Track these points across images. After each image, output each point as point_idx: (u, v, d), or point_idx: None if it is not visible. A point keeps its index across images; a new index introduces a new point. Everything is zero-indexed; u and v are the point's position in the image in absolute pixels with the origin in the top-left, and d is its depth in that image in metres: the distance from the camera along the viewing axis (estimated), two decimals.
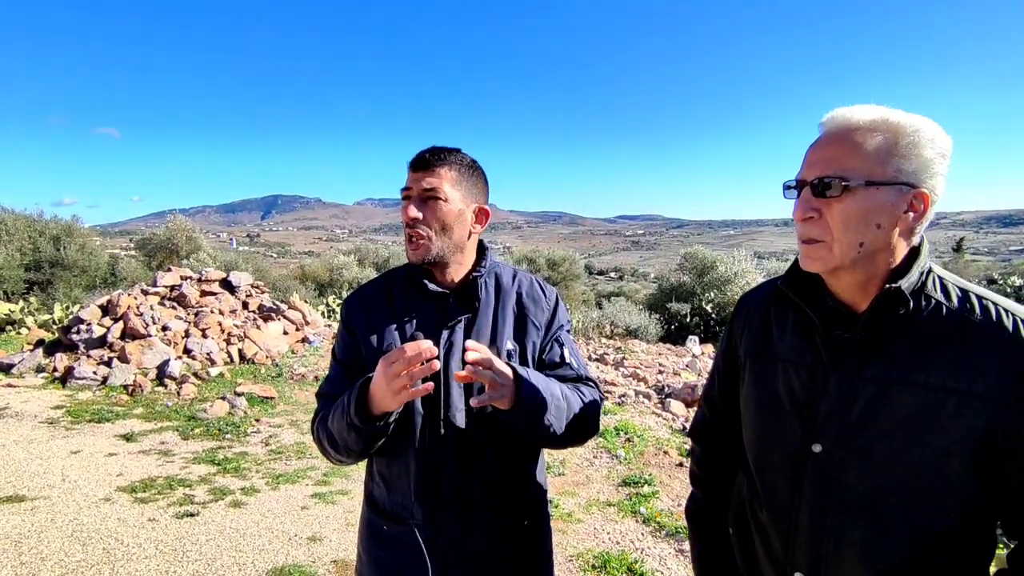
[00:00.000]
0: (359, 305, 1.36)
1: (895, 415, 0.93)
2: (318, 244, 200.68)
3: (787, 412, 1.04)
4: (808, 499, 1.00)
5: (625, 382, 8.37)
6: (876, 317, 0.96)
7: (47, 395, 6.86)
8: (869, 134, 0.92)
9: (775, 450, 1.06)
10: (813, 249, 0.95)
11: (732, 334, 1.23)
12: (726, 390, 1.24)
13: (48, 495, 4.17)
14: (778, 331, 1.10)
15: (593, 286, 30.68)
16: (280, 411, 6.84)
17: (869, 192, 0.91)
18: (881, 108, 0.94)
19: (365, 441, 1.21)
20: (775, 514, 1.06)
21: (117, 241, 50.35)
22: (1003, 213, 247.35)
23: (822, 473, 0.99)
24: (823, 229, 0.94)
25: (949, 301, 0.95)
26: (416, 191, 1.28)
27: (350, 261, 20.22)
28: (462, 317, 1.32)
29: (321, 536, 3.74)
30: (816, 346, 1.02)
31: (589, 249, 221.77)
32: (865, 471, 0.95)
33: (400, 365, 1.07)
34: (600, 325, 14.02)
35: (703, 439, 1.34)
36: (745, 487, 1.16)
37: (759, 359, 1.12)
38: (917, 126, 0.91)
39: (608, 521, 4.04)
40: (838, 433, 0.97)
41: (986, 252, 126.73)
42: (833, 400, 0.98)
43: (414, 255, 1.29)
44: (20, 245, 14.22)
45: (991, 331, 0.90)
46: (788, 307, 1.09)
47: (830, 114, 0.96)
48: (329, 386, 1.36)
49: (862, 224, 0.92)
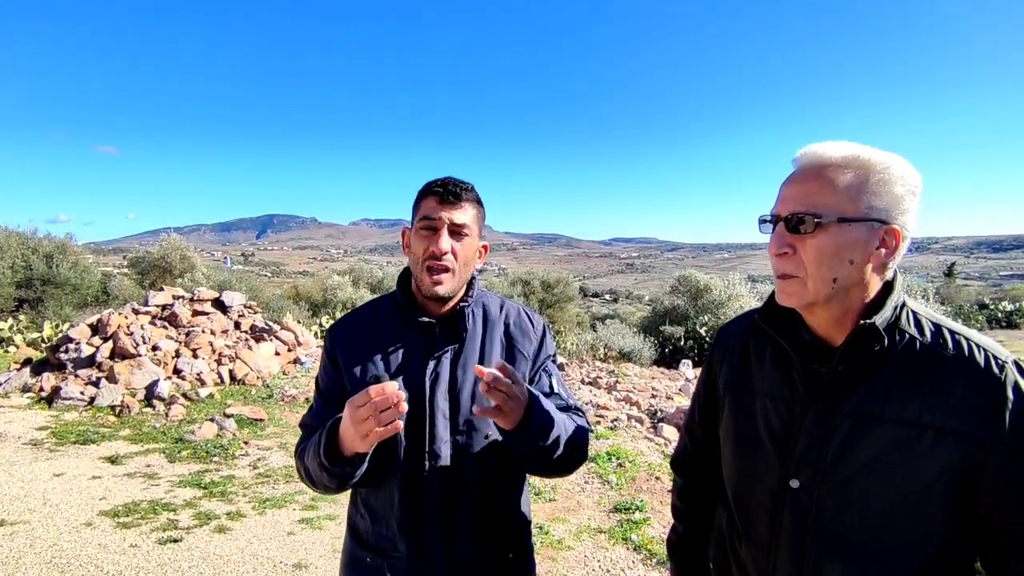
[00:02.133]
0: (343, 335, 1.35)
1: (871, 450, 0.93)
2: (313, 264, 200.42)
3: (765, 447, 1.04)
4: (786, 535, 0.99)
5: (618, 406, 8.33)
6: (851, 352, 0.96)
7: (32, 415, 6.76)
8: (841, 171, 0.93)
9: (754, 485, 1.06)
10: (788, 284, 0.96)
11: (712, 366, 1.23)
12: (706, 422, 1.24)
13: (28, 519, 4.08)
14: (756, 364, 1.10)
15: (587, 308, 30.67)
16: (269, 433, 6.75)
17: (841, 228, 0.92)
18: (853, 145, 0.95)
19: (339, 480, 1.20)
20: (754, 550, 1.05)
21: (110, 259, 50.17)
22: (994, 238, 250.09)
23: (800, 509, 0.98)
24: (797, 265, 0.95)
25: (922, 336, 0.96)
26: (447, 224, 1.25)
27: (344, 281, 20.17)
28: (449, 348, 1.31)
29: (307, 563, 3.67)
30: (793, 380, 1.02)
31: (584, 271, 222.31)
32: (842, 507, 0.94)
33: (366, 410, 1.05)
34: (594, 348, 13.99)
35: (684, 471, 1.33)
36: (725, 521, 1.15)
37: (738, 392, 1.12)
38: (887, 163, 0.93)
39: (598, 548, 3.98)
40: (815, 468, 0.97)
41: (977, 277, 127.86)
42: (810, 435, 0.98)
43: (440, 289, 1.26)
44: (12, 262, 14.13)
45: (963, 367, 0.91)
46: (765, 340, 1.09)
47: (803, 150, 0.98)
48: (311, 418, 1.35)
49: (835, 260, 0.93)
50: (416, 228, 1.29)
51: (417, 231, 1.29)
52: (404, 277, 1.40)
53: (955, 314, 15.05)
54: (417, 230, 1.29)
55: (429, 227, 1.27)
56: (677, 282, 18.23)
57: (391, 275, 21.97)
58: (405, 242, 1.36)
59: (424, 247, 1.26)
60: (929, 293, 12.45)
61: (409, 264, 1.34)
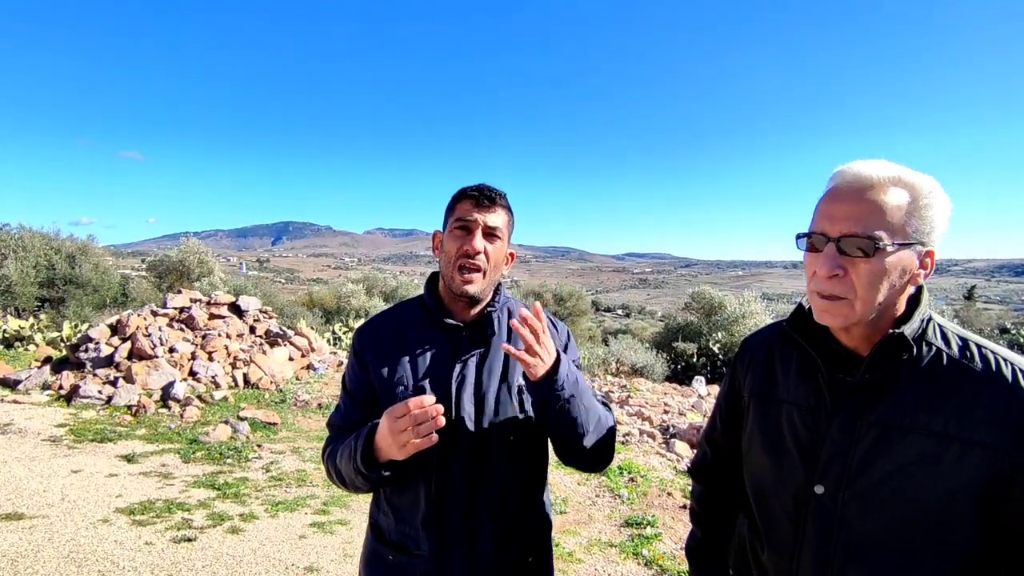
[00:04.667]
0: (371, 336, 1.38)
1: (897, 460, 0.93)
2: (327, 271, 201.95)
3: (790, 453, 1.05)
4: (810, 541, 1.00)
5: (630, 421, 8.28)
6: (879, 362, 0.97)
7: (51, 413, 6.88)
8: (891, 193, 0.92)
9: (778, 491, 1.06)
10: (835, 306, 0.95)
11: (736, 375, 1.24)
12: (728, 430, 1.25)
13: (47, 514, 4.15)
14: (782, 373, 1.11)
15: (600, 323, 30.56)
16: (282, 437, 6.80)
17: (898, 253, 0.92)
18: (894, 166, 0.95)
19: (372, 484, 1.24)
20: (777, 556, 1.06)
21: (130, 261, 50.95)
22: (1015, 262, 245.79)
23: (824, 515, 0.99)
24: (847, 287, 0.94)
25: (949, 348, 0.97)
26: (482, 226, 1.29)
27: (358, 289, 20.31)
28: (475, 352, 1.34)
29: (318, 567, 3.68)
30: (820, 389, 1.03)
31: (596, 285, 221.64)
32: (867, 515, 0.95)
33: (405, 421, 1.08)
34: (606, 362, 13.94)
35: (704, 478, 1.35)
36: (746, 527, 1.16)
37: (763, 400, 1.13)
38: (931, 187, 0.94)
39: (609, 562, 3.95)
40: (840, 476, 0.98)
41: (998, 300, 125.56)
42: (835, 443, 0.99)
43: (470, 288, 1.30)
44: (36, 262, 14.42)
45: (991, 380, 0.91)
46: (792, 349, 1.10)
47: (845, 168, 0.97)
48: (339, 417, 1.38)
49: (885, 283, 0.93)
50: (450, 229, 1.32)
51: (451, 231, 1.32)
52: (432, 281, 1.43)
53: None
54: (451, 230, 1.32)
55: (464, 227, 1.30)
56: (691, 298, 18.14)
57: (404, 284, 22.09)
58: (436, 244, 1.40)
59: (458, 246, 1.30)
60: (948, 316, 12.26)
61: (440, 265, 1.37)
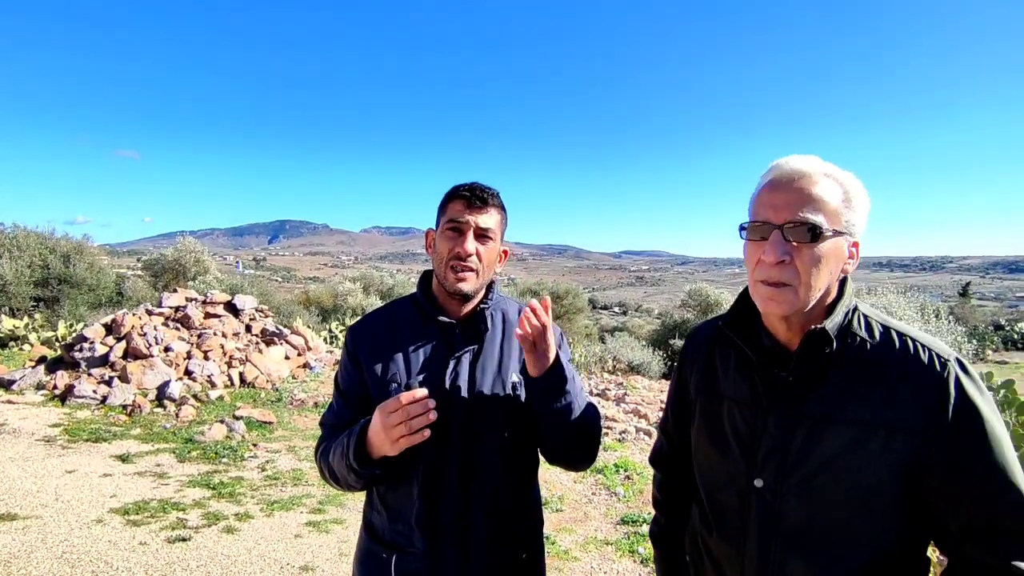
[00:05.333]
0: (364, 334, 1.37)
1: (828, 451, 0.98)
2: (324, 270, 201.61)
3: (732, 448, 1.09)
4: (754, 533, 1.05)
5: (626, 418, 8.29)
6: (806, 357, 1.01)
7: (46, 412, 6.85)
8: (827, 185, 0.97)
9: (723, 485, 1.11)
10: (780, 293, 0.98)
11: (683, 371, 1.28)
12: (679, 423, 1.30)
13: (40, 515, 4.13)
14: (722, 370, 1.16)
15: (596, 321, 30.58)
16: (278, 436, 6.79)
17: (835, 240, 0.97)
18: (824, 162, 1.00)
19: (365, 481, 1.24)
20: (725, 545, 1.10)
21: (125, 261, 50.78)
22: (1009, 259, 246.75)
23: (765, 507, 1.03)
24: (792, 273, 0.97)
25: (872, 338, 1.01)
26: (473, 227, 1.30)
27: (355, 288, 20.26)
28: (469, 348, 1.34)
29: (313, 566, 3.68)
30: (755, 385, 1.07)
31: (593, 283, 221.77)
32: (804, 504, 1.00)
33: (398, 415, 1.08)
34: (602, 360, 13.96)
35: (662, 466, 1.40)
36: (697, 516, 1.21)
37: (707, 396, 1.17)
38: (858, 183, 1.00)
39: (605, 560, 3.96)
40: (777, 469, 1.02)
41: (992, 297, 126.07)
42: (772, 437, 1.03)
43: (463, 285, 1.30)
44: (30, 261, 14.34)
45: (910, 366, 0.96)
46: (730, 346, 1.14)
47: (782, 161, 1.01)
48: (331, 416, 1.38)
49: (825, 269, 0.98)
50: (442, 229, 1.33)
51: (443, 232, 1.32)
52: (425, 279, 1.43)
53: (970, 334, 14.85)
54: (443, 231, 1.32)
55: (455, 229, 1.31)
56: (687, 296, 18.18)
57: (401, 283, 22.04)
58: (428, 242, 1.40)
59: (450, 248, 1.30)
60: (943, 312, 12.31)
61: (433, 264, 1.37)
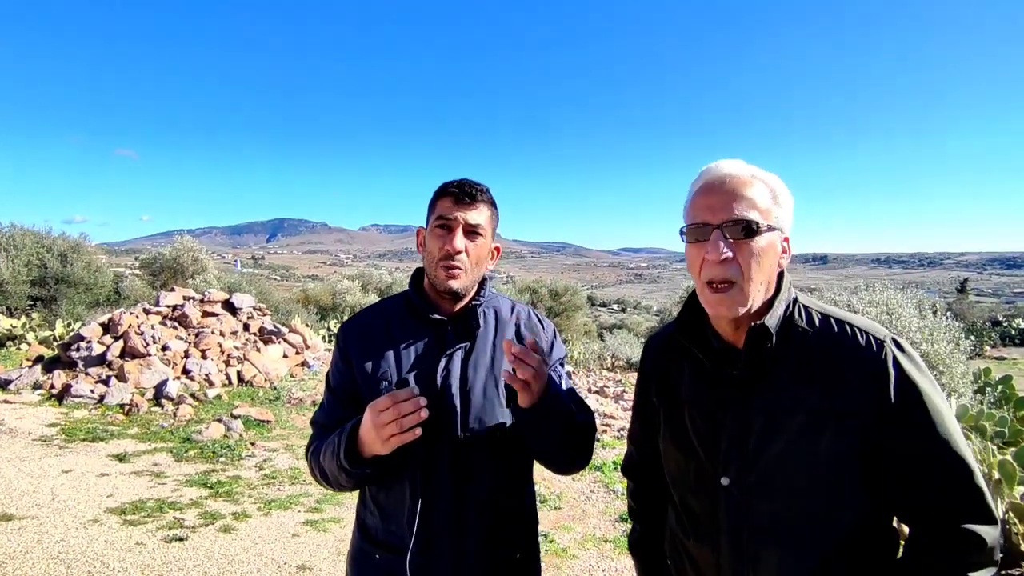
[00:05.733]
0: (355, 331, 1.36)
1: (783, 442, 1.00)
2: (322, 268, 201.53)
3: (696, 451, 1.11)
4: (725, 530, 1.06)
5: (625, 415, 8.29)
6: (753, 353, 1.03)
7: (43, 412, 6.83)
8: (755, 186, 1.01)
9: (692, 487, 1.13)
10: (728, 296, 1.00)
11: (643, 380, 1.30)
12: (646, 432, 1.31)
13: (36, 515, 4.11)
14: (678, 375, 1.18)
15: (595, 318, 30.60)
16: (276, 435, 6.78)
17: (769, 235, 1.00)
18: (749, 164, 1.04)
19: (356, 480, 1.23)
20: (700, 545, 1.12)
21: (123, 260, 50.69)
22: (1007, 255, 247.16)
23: (733, 504, 1.05)
24: (736, 270, 0.99)
25: (813, 327, 1.03)
26: (462, 224, 1.28)
27: (353, 286, 20.24)
28: (460, 346, 1.32)
29: (311, 565, 3.67)
30: (710, 384, 1.09)
31: (592, 281, 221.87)
32: (769, 497, 1.02)
33: (389, 414, 1.07)
34: (601, 357, 13.96)
35: (634, 475, 1.41)
36: (674, 520, 1.22)
37: (668, 403, 1.19)
38: (781, 182, 1.04)
39: (603, 558, 3.95)
40: (740, 465, 1.04)
41: (990, 293, 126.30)
42: (730, 435, 1.05)
43: (454, 283, 1.29)
44: (27, 260, 14.30)
45: (848, 351, 0.99)
46: (683, 351, 1.16)
47: (712, 166, 1.06)
48: (322, 415, 1.36)
49: (766, 263, 1.01)
50: (432, 227, 1.31)
51: (432, 230, 1.31)
52: (417, 276, 1.42)
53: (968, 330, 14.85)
54: (432, 229, 1.31)
55: (444, 226, 1.29)
56: (686, 293, 18.18)
57: (399, 281, 22.02)
58: (419, 241, 1.38)
59: (439, 246, 1.29)
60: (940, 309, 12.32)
61: (424, 262, 1.36)
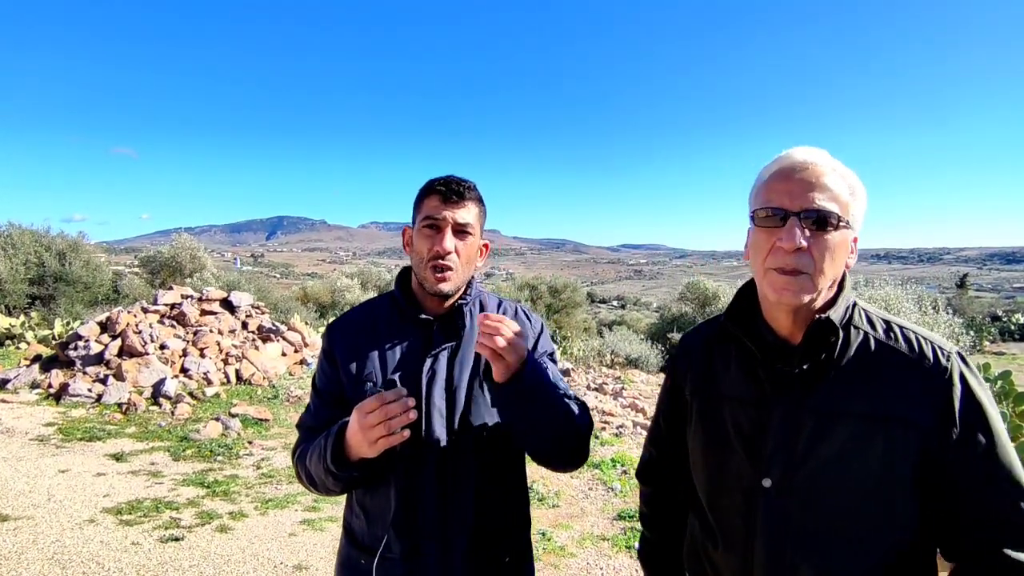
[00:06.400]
0: (341, 332, 1.34)
1: (835, 445, 0.96)
2: (321, 266, 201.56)
3: (735, 449, 1.06)
4: (762, 536, 1.01)
5: (623, 412, 8.28)
6: (811, 349, 0.99)
7: (40, 412, 6.81)
8: (836, 178, 0.96)
9: (727, 488, 1.07)
10: (796, 281, 0.96)
11: (676, 374, 1.24)
12: (673, 430, 1.26)
13: (32, 515, 4.10)
14: (722, 369, 1.12)
15: (595, 315, 30.57)
16: (274, 434, 6.77)
17: (844, 231, 0.96)
18: (829, 155, 0.99)
19: (344, 484, 1.20)
20: (730, 553, 1.06)
21: (122, 258, 50.67)
22: (1007, 250, 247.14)
23: (774, 508, 1.00)
24: (808, 261, 0.95)
25: (875, 332, 1.00)
26: (451, 224, 1.25)
27: (353, 284, 20.23)
28: (446, 345, 1.30)
29: (307, 565, 3.65)
30: (759, 381, 1.04)
31: (592, 277, 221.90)
32: (813, 503, 0.97)
33: (376, 416, 1.04)
34: (600, 354, 13.95)
35: (651, 479, 1.35)
36: (698, 527, 1.16)
37: (705, 397, 1.14)
38: (859, 180, 0.99)
39: (602, 556, 3.94)
40: (785, 467, 0.99)
41: (990, 288, 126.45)
42: (778, 434, 1.00)
43: (444, 286, 1.26)
44: (26, 259, 14.28)
45: (914, 360, 0.96)
46: (730, 344, 1.11)
47: (792, 151, 1.00)
48: (308, 418, 1.34)
49: (839, 259, 0.97)
50: (419, 227, 1.28)
51: (420, 230, 1.28)
52: (403, 275, 1.40)
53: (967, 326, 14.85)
54: (420, 229, 1.28)
55: (433, 226, 1.26)
56: (685, 289, 18.17)
57: None
58: (406, 240, 1.36)
59: (428, 246, 1.26)
60: (940, 304, 12.31)
61: (412, 263, 1.33)
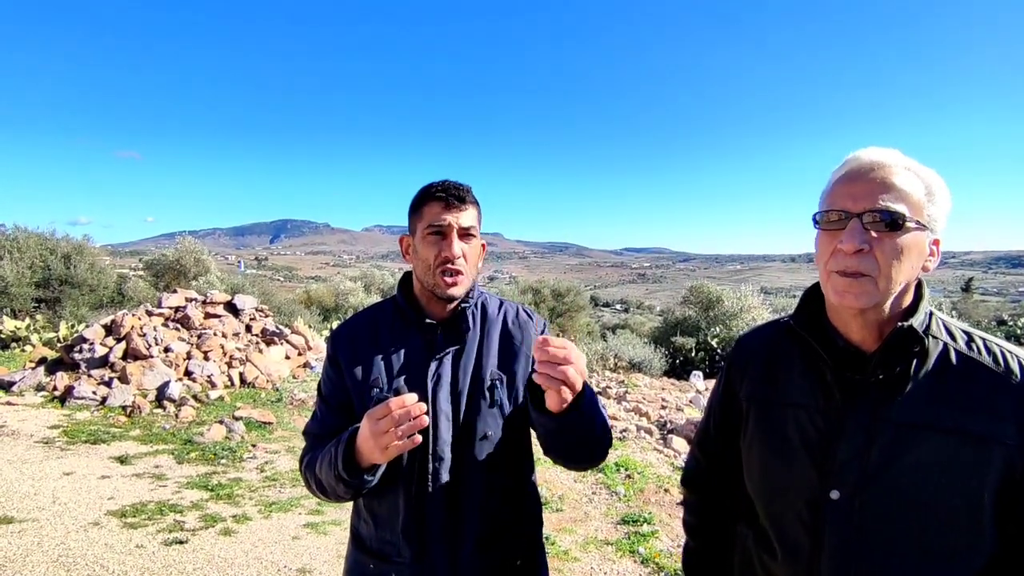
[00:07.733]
0: (345, 338, 1.34)
1: (914, 459, 0.91)
2: (325, 269, 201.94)
3: (800, 458, 1.00)
4: (829, 549, 0.96)
5: (627, 416, 8.26)
6: (888, 357, 0.94)
7: (45, 414, 6.83)
8: (909, 177, 0.92)
9: (789, 499, 1.02)
10: (858, 283, 0.92)
11: (731, 379, 1.19)
12: (724, 436, 1.20)
13: (37, 517, 4.11)
14: (784, 374, 1.07)
15: (598, 318, 30.53)
16: (278, 437, 6.77)
17: (917, 233, 0.91)
18: (906, 156, 0.95)
19: (355, 491, 1.19)
20: (792, 566, 1.01)
21: (127, 261, 50.86)
22: (1012, 254, 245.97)
23: (843, 520, 0.95)
24: (871, 264, 0.91)
25: (956, 343, 0.95)
26: (456, 228, 1.26)
27: (356, 287, 20.28)
28: (451, 349, 1.30)
29: (311, 568, 3.65)
30: (829, 388, 0.99)
31: (595, 281, 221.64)
32: (886, 519, 0.92)
33: (387, 422, 1.04)
34: (604, 357, 13.92)
35: (698, 487, 1.29)
36: (751, 538, 1.11)
37: (765, 404, 1.08)
38: (940, 180, 0.94)
39: (605, 560, 3.93)
40: (858, 479, 0.94)
41: (995, 292, 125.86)
42: (851, 444, 0.95)
43: (455, 290, 1.27)
44: (31, 262, 14.35)
45: (1002, 376, 0.91)
46: (795, 348, 1.06)
47: (861, 152, 0.96)
48: (315, 425, 1.34)
49: (906, 262, 0.92)
50: (423, 234, 1.28)
51: (424, 237, 1.28)
52: (405, 281, 1.40)
53: None
54: (424, 236, 1.28)
55: (439, 232, 1.27)
56: (689, 293, 18.12)
57: None
58: (404, 248, 1.36)
59: (436, 252, 1.26)
60: (946, 308, 12.26)
61: (416, 270, 1.33)
